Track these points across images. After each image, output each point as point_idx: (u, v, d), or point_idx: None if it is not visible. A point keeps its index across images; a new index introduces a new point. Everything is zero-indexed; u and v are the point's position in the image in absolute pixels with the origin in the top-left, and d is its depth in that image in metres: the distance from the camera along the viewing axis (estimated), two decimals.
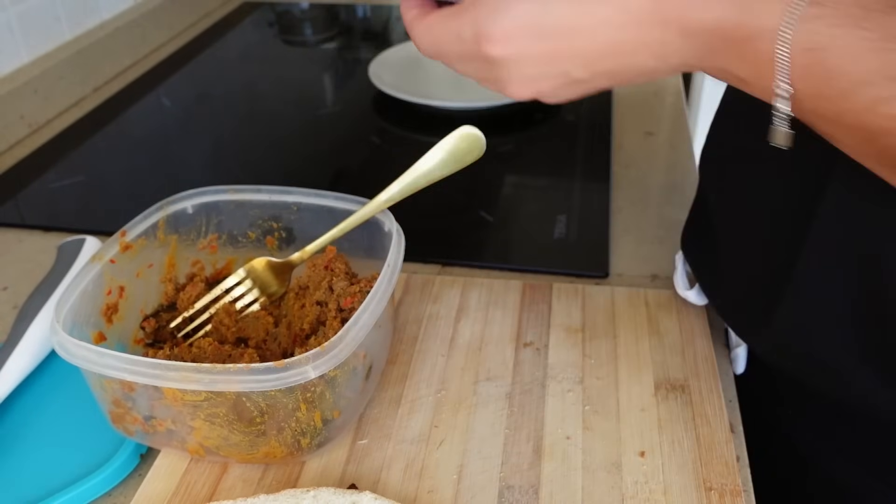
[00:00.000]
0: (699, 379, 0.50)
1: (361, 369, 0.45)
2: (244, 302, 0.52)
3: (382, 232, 0.51)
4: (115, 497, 0.45)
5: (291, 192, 0.54)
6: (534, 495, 0.43)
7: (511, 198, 0.74)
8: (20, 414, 0.50)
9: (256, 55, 1.13)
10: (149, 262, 0.52)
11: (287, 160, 0.83)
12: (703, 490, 0.43)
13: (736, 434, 0.47)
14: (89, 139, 0.88)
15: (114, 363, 0.40)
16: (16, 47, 0.89)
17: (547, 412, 0.48)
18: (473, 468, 0.45)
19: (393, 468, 0.45)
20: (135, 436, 0.45)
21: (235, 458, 0.45)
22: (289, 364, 0.39)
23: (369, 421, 0.48)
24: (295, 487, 0.43)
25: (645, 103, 0.91)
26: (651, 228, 0.67)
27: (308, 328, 0.49)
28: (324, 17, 1.23)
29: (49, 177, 0.79)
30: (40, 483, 0.45)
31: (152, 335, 0.52)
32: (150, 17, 1.10)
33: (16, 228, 0.71)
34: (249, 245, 0.56)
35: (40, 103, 0.90)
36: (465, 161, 0.49)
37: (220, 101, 0.98)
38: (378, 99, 0.93)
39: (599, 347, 0.53)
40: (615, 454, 0.45)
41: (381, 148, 0.84)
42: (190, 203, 0.54)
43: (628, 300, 0.57)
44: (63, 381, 0.52)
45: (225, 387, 0.39)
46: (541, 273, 0.62)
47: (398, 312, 0.57)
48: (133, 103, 0.96)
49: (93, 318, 0.47)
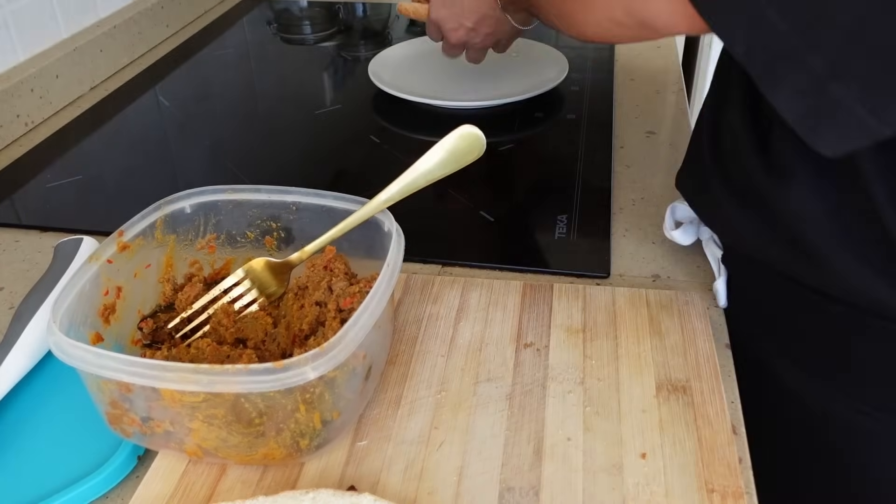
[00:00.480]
0: (701, 380, 0.50)
1: (361, 370, 0.45)
2: (243, 302, 0.52)
3: (382, 232, 0.50)
4: (112, 499, 0.45)
5: (290, 192, 0.54)
6: (534, 497, 0.43)
7: (511, 198, 0.74)
8: (17, 415, 0.50)
9: (255, 54, 1.13)
10: (146, 262, 0.52)
11: (286, 159, 0.83)
12: (704, 492, 0.43)
13: (738, 435, 0.47)
14: (86, 138, 0.87)
15: (111, 364, 0.40)
16: (12, 45, 0.88)
17: (547, 413, 0.48)
18: (473, 469, 0.45)
19: (392, 469, 0.45)
20: (132, 437, 0.45)
21: (234, 459, 0.44)
22: (288, 365, 0.39)
23: (369, 422, 0.48)
24: (294, 489, 0.43)
25: (646, 103, 0.90)
26: (653, 228, 0.67)
27: (307, 329, 0.49)
28: (323, 15, 1.23)
29: (46, 176, 0.79)
30: (37, 485, 0.45)
31: (150, 336, 0.51)
32: (147, 16, 1.10)
33: (12, 228, 0.70)
34: (248, 245, 0.56)
35: (37, 102, 0.90)
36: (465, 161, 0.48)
37: (218, 100, 0.97)
38: (377, 98, 0.93)
39: (600, 348, 0.53)
40: (616, 456, 0.45)
41: (381, 147, 0.83)
42: (188, 203, 0.53)
43: (629, 301, 0.57)
44: (60, 383, 0.52)
45: (223, 388, 0.39)
46: (541, 273, 0.62)
47: (398, 313, 0.57)
48: (130, 102, 0.96)
49: (90, 319, 0.47)
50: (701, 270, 0.61)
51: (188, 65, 1.07)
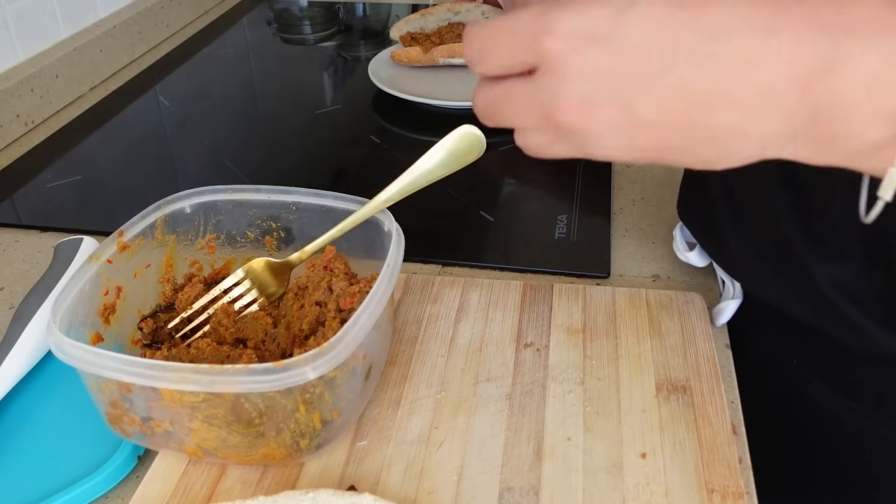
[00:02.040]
0: (701, 380, 0.50)
1: (361, 370, 0.45)
2: (243, 302, 0.52)
3: (382, 232, 0.50)
4: (112, 499, 0.45)
5: (290, 192, 0.54)
6: (534, 496, 0.43)
7: (511, 197, 0.74)
8: (17, 415, 0.50)
9: (255, 53, 1.13)
10: (146, 262, 0.52)
11: (286, 159, 0.83)
12: (704, 492, 0.43)
13: (738, 435, 0.47)
14: (86, 138, 0.87)
15: (111, 364, 0.40)
16: (12, 45, 0.88)
17: (547, 413, 0.48)
18: (473, 469, 0.45)
19: (392, 469, 0.45)
20: (132, 437, 0.45)
21: (234, 459, 0.44)
22: (288, 365, 0.39)
23: (369, 422, 0.48)
24: (294, 489, 0.43)
25: None
26: (652, 228, 0.67)
27: (307, 329, 0.49)
28: (323, 14, 1.23)
29: (46, 176, 0.79)
30: (37, 485, 0.45)
31: (150, 336, 0.51)
32: (147, 15, 1.10)
33: (12, 228, 0.70)
34: (248, 245, 0.56)
35: (37, 102, 0.90)
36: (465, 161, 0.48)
37: (218, 100, 0.97)
38: (378, 98, 0.93)
39: (600, 348, 0.53)
40: (616, 455, 0.45)
41: (381, 147, 0.83)
42: (188, 203, 0.53)
43: (629, 300, 0.57)
44: (60, 383, 0.52)
45: (223, 388, 0.39)
46: (541, 273, 0.62)
47: (398, 313, 0.57)
48: (130, 102, 0.96)
49: (90, 319, 0.47)
50: (701, 270, 0.61)
51: (188, 65, 1.07)
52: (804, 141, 0.29)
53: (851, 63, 0.27)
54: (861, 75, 0.27)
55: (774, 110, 0.28)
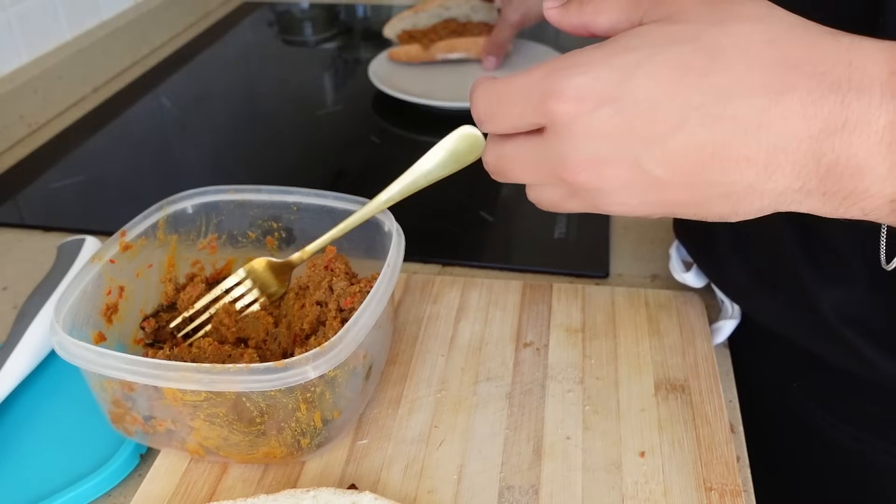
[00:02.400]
0: (699, 379, 0.50)
1: (361, 369, 0.45)
2: (244, 302, 0.52)
3: (382, 232, 0.51)
4: (114, 497, 0.45)
5: (291, 192, 0.54)
6: (534, 495, 0.43)
7: (511, 198, 0.74)
8: (20, 414, 0.50)
9: (256, 55, 1.13)
10: (149, 262, 0.52)
11: (287, 160, 0.83)
12: (703, 490, 0.43)
13: (736, 434, 0.47)
14: (89, 139, 0.87)
15: (114, 363, 0.40)
16: (15, 47, 0.89)
17: (547, 412, 0.48)
18: (473, 468, 0.45)
19: (393, 468, 0.45)
20: (134, 436, 0.45)
21: (235, 458, 0.45)
22: (289, 364, 0.39)
23: (369, 421, 0.48)
24: (295, 487, 0.43)
25: None
26: (651, 228, 0.67)
27: (308, 328, 0.49)
28: (324, 16, 1.23)
29: (49, 177, 0.79)
30: (40, 483, 0.45)
31: (152, 335, 0.52)
32: (149, 17, 1.10)
33: (15, 228, 0.71)
34: (249, 245, 0.56)
35: (40, 103, 0.90)
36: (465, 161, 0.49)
37: (219, 101, 0.98)
38: (378, 99, 0.93)
39: (599, 347, 0.53)
40: (615, 454, 0.45)
41: (381, 148, 0.84)
42: (190, 203, 0.54)
43: (628, 300, 0.57)
44: (63, 382, 0.52)
45: (225, 387, 0.39)
46: (541, 273, 0.62)
47: (398, 312, 0.57)
48: (133, 103, 0.96)
49: (92, 319, 0.47)
50: None
51: (190, 66, 1.07)
52: (820, 197, 0.29)
53: (862, 121, 0.27)
54: (872, 133, 0.27)
55: (787, 167, 0.29)
